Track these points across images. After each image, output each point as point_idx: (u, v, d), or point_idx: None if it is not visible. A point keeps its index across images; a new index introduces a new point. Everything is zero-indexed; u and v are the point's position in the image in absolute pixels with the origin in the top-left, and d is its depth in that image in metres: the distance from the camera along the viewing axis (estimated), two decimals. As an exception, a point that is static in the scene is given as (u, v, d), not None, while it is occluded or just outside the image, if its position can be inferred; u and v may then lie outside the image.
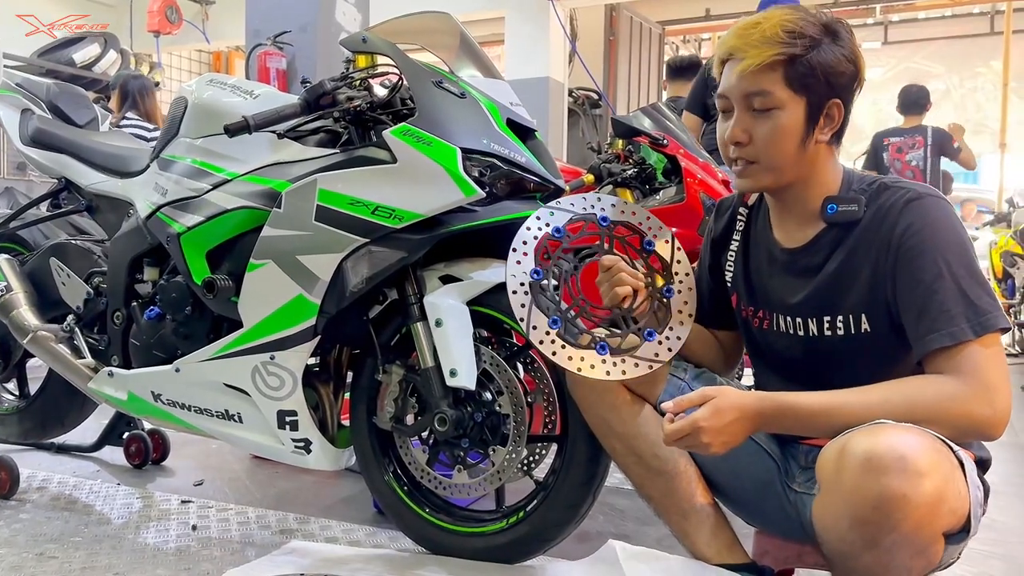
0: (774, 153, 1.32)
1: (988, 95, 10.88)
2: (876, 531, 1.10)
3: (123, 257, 2.07)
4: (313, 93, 1.71)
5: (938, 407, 1.19)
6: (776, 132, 1.31)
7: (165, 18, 7.57)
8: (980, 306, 1.21)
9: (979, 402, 1.18)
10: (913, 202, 1.28)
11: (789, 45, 1.28)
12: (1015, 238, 6.02)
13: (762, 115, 1.31)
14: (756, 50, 1.29)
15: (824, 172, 1.36)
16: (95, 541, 1.91)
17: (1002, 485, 2.54)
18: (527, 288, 1.42)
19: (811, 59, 1.28)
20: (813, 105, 1.31)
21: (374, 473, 1.86)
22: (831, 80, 1.29)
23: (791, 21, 1.29)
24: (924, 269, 1.24)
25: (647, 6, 8.78)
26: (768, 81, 1.29)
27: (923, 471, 1.07)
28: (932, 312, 1.23)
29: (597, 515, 2.09)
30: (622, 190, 2.89)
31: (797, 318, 1.39)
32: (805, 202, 1.37)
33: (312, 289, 1.69)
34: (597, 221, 1.50)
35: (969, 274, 1.23)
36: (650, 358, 1.40)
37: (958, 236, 1.26)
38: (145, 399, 1.99)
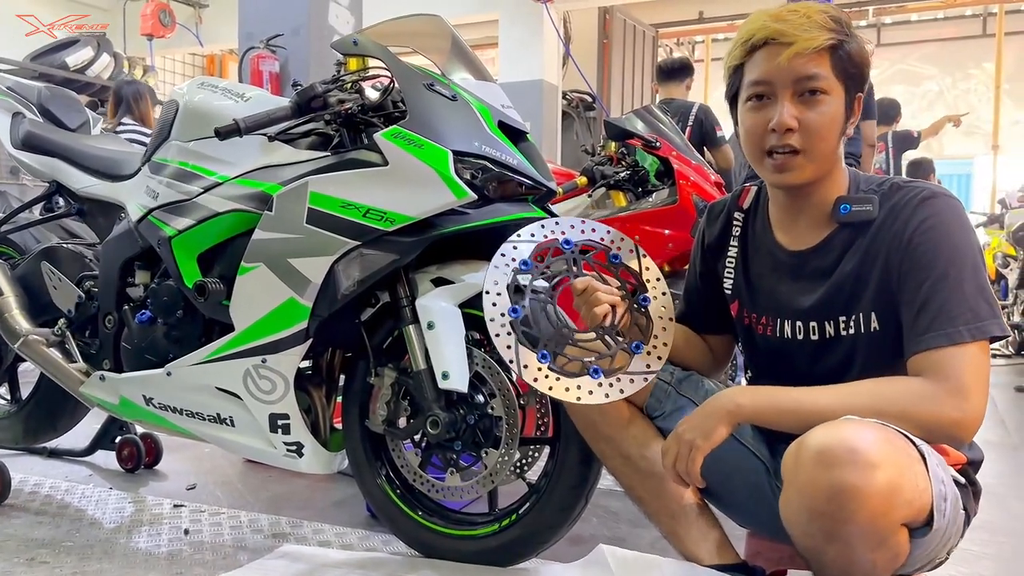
0: (822, 141, 1.30)
1: (981, 97, 10.91)
2: (832, 523, 1.11)
3: (114, 261, 2.06)
4: (304, 96, 1.71)
5: (908, 406, 1.19)
6: (825, 118, 1.29)
7: (158, 21, 7.57)
8: (980, 312, 1.21)
9: (950, 405, 1.19)
10: (927, 200, 1.28)
11: (837, 32, 1.28)
12: (1008, 239, 6.04)
13: (812, 100, 1.28)
14: (807, 34, 1.26)
15: (839, 169, 1.36)
16: (86, 546, 1.90)
17: (995, 485, 2.55)
18: (509, 328, 1.40)
19: (851, 48, 1.29)
20: (850, 95, 1.31)
21: (367, 476, 1.86)
22: (863, 72, 1.31)
23: (831, 11, 1.29)
24: (931, 266, 1.24)
25: (640, 9, 8.79)
26: (820, 65, 1.27)
27: (875, 463, 1.08)
28: (932, 310, 1.23)
29: (590, 518, 2.09)
30: (615, 192, 2.90)
31: (811, 322, 1.38)
32: (819, 201, 1.36)
33: (304, 292, 1.69)
34: (560, 245, 1.48)
35: (974, 278, 1.23)
36: (642, 371, 1.39)
37: (968, 239, 1.26)
38: (137, 403, 1.98)
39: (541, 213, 1.77)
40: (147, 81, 6.31)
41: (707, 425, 1.26)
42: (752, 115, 1.33)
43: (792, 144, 1.29)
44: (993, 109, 9.82)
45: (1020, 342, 6.13)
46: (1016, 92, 10.33)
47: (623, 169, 2.87)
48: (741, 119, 1.36)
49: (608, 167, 2.90)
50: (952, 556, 1.32)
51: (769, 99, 1.31)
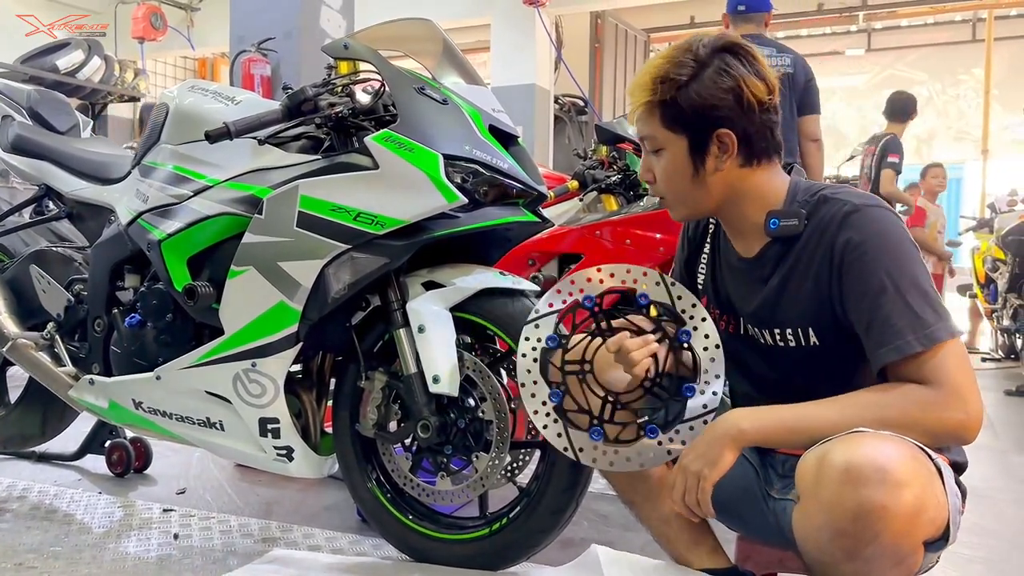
0: (671, 189, 1.39)
1: (970, 102, 10.98)
2: (856, 543, 1.10)
3: (104, 264, 2.05)
4: (295, 99, 1.71)
5: (912, 415, 1.19)
6: (665, 171, 1.38)
7: (150, 24, 7.55)
8: (924, 319, 1.21)
9: (951, 408, 1.19)
10: (852, 215, 1.27)
11: (654, 92, 1.34)
12: (997, 243, 6.07)
13: (657, 155, 1.39)
14: (634, 97, 1.37)
15: (757, 190, 1.36)
16: (75, 551, 1.89)
17: (983, 489, 2.56)
18: (555, 416, 1.36)
19: (681, 100, 1.32)
20: (695, 140, 1.34)
21: (357, 480, 1.85)
22: (707, 114, 1.32)
23: (659, 67, 1.34)
24: (867, 283, 1.24)
25: (632, 14, 8.82)
26: (648, 126, 1.37)
27: (903, 481, 1.07)
28: (877, 326, 1.23)
29: (581, 521, 2.09)
30: (606, 196, 2.91)
31: (755, 327, 1.41)
32: (746, 219, 1.39)
33: (294, 296, 1.69)
34: (583, 305, 1.39)
35: (912, 285, 1.23)
36: (700, 413, 1.32)
37: (899, 247, 1.25)
38: (126, 407, 1.98)
39: (532, 217, 1.77)
40: (138, 84, 6.30)
41: (712, 453, 1.24)
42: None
43: (654, 193, 1.45)
44: (983, 114, 9.88)
45: (1009, 346, 6.16)
46: (1005, 97, 10.39)
47: (614, 173, 2.87)
48: None
49: (599, 171, 2.91)
50: (943, 560, 1.33)
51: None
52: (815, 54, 10.36)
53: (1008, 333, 6.06)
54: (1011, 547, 2.08)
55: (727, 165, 1.34)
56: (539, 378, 1.38)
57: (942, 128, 11.46)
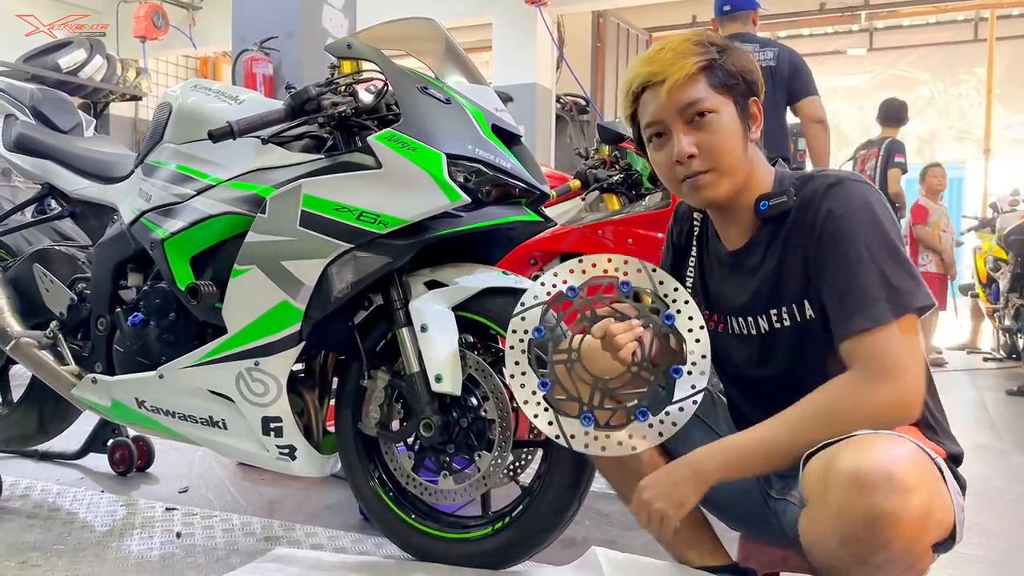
0: (727, 155, 1.34)
1: (972, 101, 10.96)
2: (866, 549, 1.10)
3: (107, 263, 2.06)
4: (298, 99, 1.71)
5: (850, 408, 1.21)
6: (722, 133, 1.34)
7: (152, 23, 7.55)
8: (899, 286, 1.23)
9: (884, 389, 1.21)
10: (834, 187, 1.30)
11: (703, 53, 1.33)
12: (999, 243, 6.07)
13: (702, 123, 1.33)
14: (675, 66, 1.32)
15: (759, 172, 1.39)
16: (78, 549, 1.89)
17: (984, 489, 2.56)
18: (544, 404, 1.38)
19: (725, 62, 1.34)
20: (740, 105, 1.35)
21: (359, 479, 1.85)
22: (747, 79, 1.35)
23: (694, 36, 1.35)
24: (845, 253, 1.26)
25: (634, 13, 8.81)
26: (697, 89, 1.33)
27: (911, 487, 1.08)
28: (853, 295, 1.24)
29: (583, 520, 2.09)
30: (608, 196, 2.91)
31: (748, 317, 1.41)
32: (743, 205, 1.40)
33: (297, 295, 1.69)
34: (567, 296, 1.43)
35: (890, 256, 1.25)
36: (688, 394, 1.34)
37: (877, 218, 1.27)
38: (129, 406, 1.98)
39: (534, 216, 1.77)
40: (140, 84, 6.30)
41: (677, 495, 1.28)
42: (657, 154, 1.40)
43: (698, 168, 1.35)
44: (985, 114, 9.87)
45: (1011, 346, 6.15)
46: (1007, 97, 10.38)
47: (616, 172, 2.87)
48: (652, 159, 1.42)
49: (601, 170, 2.91)
50: (942, 559, 1.32)
51: (666, 135, 1.37)
52: (817, 53, 10.36)
53: (1010, 333, 6.06)
54: (1011, 547, 2.08)
55: (756, 136, 1.38)
56: (527, 368, 1.40)
57: (944, 128, 11.44)
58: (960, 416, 3.97)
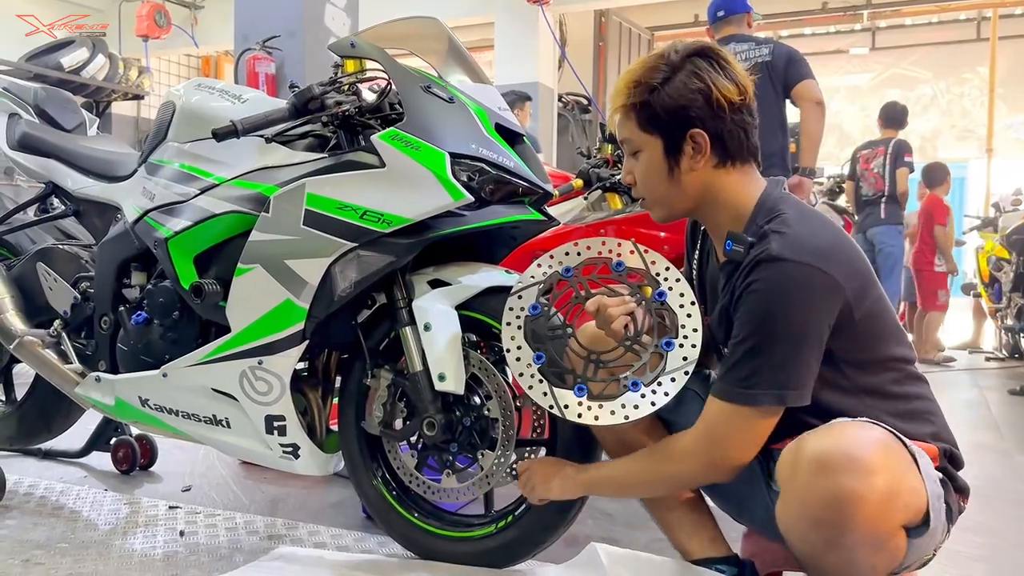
0: (649, 189, 1.44)
1: (975, 100, 10.95)
2: (833, 530, 1.13)
3: (111, 262, 2.06)
4: (301, 98, 1.71)
5: (675, 465, 1.38)
6: (642, 172, 1.43)
7: (154, 23, 7.56)
8: (752, 380, 1.28)
9: (699, 457, 1.35)
10: (763, 264, 1.30)
11: (629, 96, 1.40)
12: (1001, 243, 6.06)
13: (635, 157, 1.44)
14: (612, 104, 1.44)
15: (727, 194, 1.40)
16: (82, 547, 1.90)
17: (986, 488, 2.56)
18: (539, 376, 1.43)
19: (653, 102, 1.37)
20: (669, 141, 1.38)
21: (362, 478, 1.86)
22: (679, 115, 1.37)
23: (634, 72, 1.40)
24: (740, 326, 1.31)
25: (636, 12, 8.81)
26: (625, 129, 1.43)
27: (873, 468, 1.11)
28: (726, 363, 1.33)
29: (586, 519, 2.09)
30: (611, 195, 2.91)
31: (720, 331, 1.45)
32: (719, 225, 1.43)
33: (300, 294, 1.69)
34: (562, 275, 1.51)
35: (769, 347, 1.27)
36: (680, 365, 1.39)
37: (784, 309, 1.27)
38: (132, 404, 1.98)
39: (537, 215, 1.77)
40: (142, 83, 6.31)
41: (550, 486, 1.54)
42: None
43: (634, 195, 1.49)
44: (987, 113, 9.86)
45: (1013, 345, 6.15)
46: (1010, 96, 10.37)
47: (619, 171, 2.87)
48: None
49: (604, 169, 2.90)
50: (945, 559, 1.33)
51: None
52: (819, 52, 10.36)
53: (1012, 332, 6.06)
54: (1013, 546, 2.08)
55: (701, 165, 1.39)
56: (523, 343, 1.45)
57: (946, 127, 11.43)
58: (962, 416, 3.97)
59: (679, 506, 1.51)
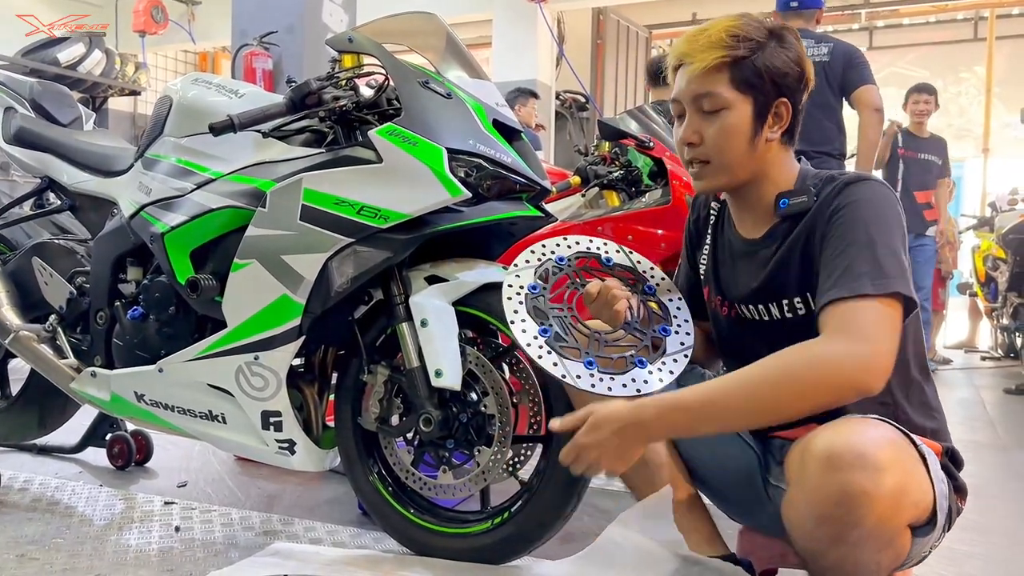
0: (724, 152, 1.36)
1: (972, 100, 10.96)
2: (841, 527, 1.12)
3: (106, 257, 2.05)
4: (299, 92, 1.71)
5: (810, 368, 1.18)
6: (724, 131, 1.35)
7: (151, 18, 7.54)
8: (887, 270, 1.22)
9: (848, 355, 1.17)
10: (851, 184, 1.32)
11: (733, 48, 1.33)
12: (998, 242, 6.07)
13: (711, 116, 1.36)
14: (703, 54, 1.34)
15: (778, 169, 1.40)
16: (77, 542, 1.89)
17: (983, 486, 2.56)
18: (548, 347, 1.41)
19: (756, 61, 1.33)
20: (760, 105, 1.35)
21: (359, 474, 1.85)
22: (777, 80, 1.34)
23: (735, 26, 1.34)
24: (844, 237, 1.27)
25: (634, 10, 8.80)
26: (715, 83, 1.34)
27: (883, 466, 1.10)
28: (839, 270, 1.25)
29: (582, 516, 2.09)
30: (608, 192, 2.90)
31: (759, 304, 1.43)
32: (760, 199, 1.41)
33: (297, 289, 1.69)
34: (556, 263, 1.54)
35: (885, 245, 1.25)
36: (680, 348, 1.44)
37: (883, 213, 1.28)
38: (128, 400, 1.98)
39: (535, 211, 1.77)
40: (139, 78, 6.30)
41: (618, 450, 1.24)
42: (675, 131, 1.43)
43: (697, 157, 1.39)
44: (984, 112, 9.87)
45: (1009, 344, 6.16)
46: (1007, 96, 10.37)
47: (616, 169, 2.87)
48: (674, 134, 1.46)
49: (601, 167, 2.90)
50: (940, 556, 1.33)
51: (683, 117, 1.40)
52: (817, 51, 10.33)
53: (1008, 332, 6.07)
54: (1010, 544, 2.09)
55: (777, 137, 1.38)
56: (527, 316, 1.44)
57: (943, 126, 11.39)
58: (959, 415, 3.97)
59: (676, 506, 1.48)
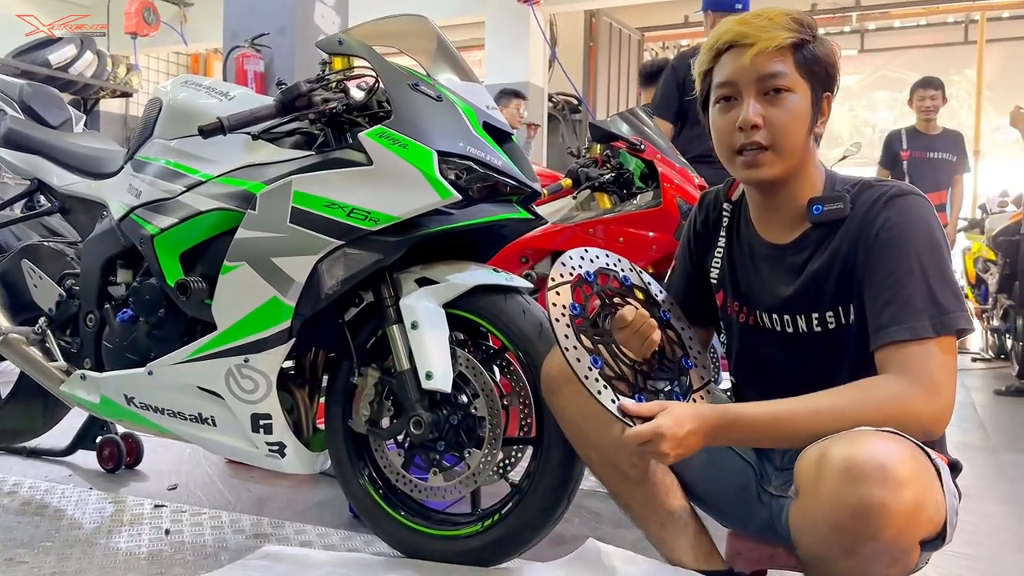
0: (790, 136, 1.31)
1: (962, 103, 11.00)
2: (855, 539, 1.10)
3: (96, 259, 2.05)
4: (288, 95, 1.71)
5: (885, 409, 1.19)
6: (792, 114, 1.31)
7: (143, 20, 7.53)
8: (944, 305, 1.22)
9: (923, 402, 1.19)
10: (896, 198, 1.29)
11: (799, 31, 1.31)
12: (988, 244, 6.09)
13: (776, 98, 1.31)
14: (769, 33, 1.29)
15: (812, 169, 1.37)
16: (66, 546, 1.88)
17: (973, 488, 2.57)
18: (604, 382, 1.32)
19: (815, 48, 1.32)
20: (817, 94, 1.33)
21: (349, 477, 1.85)
22: (829, 71, 1.33)
23: (792, 13, 1.33)
24: (896, 262, 1.25)
25: (626, 12, 8.82)
26: (782, 63, 1.30)
27: (903, 480, 1.08)
28: (897, 304, 1.23)
29: (573, 518, 2.09)
30: (600, 194, 2.91)
31: (785, 315, 1.39)
32: (793, 200, 1.37)
33: (287, 291, 1.69)
34: (585, 280, 1.43)
35: (940, 274, 1.25)
36: (704, 382, 1.41)
37: (933, 236, 1.27)
38: (118, 402, 1.97)
39: (525, 214, 1.77)
40: (130, 80, 6.28)
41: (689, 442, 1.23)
42: (721, 116, 1.36)
43: (759, 141, 1.31)
44: (975, 115, 9.92)
45: (999, 346, 6.19)
46: (997, 98, 10.42)
47: (608, 171, 2.87)
48: (712, 121, 1.38)
49: (593, 169, 2.90)
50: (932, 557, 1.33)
51: (736, 99, 1.33)
52: (808, 54, 10.36)
53: (998, 333, 6.09)
54: (1000, 545, 2.09)
55: (821, 130, 1.36)
56: (577, 344, 1.35)
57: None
58: (949, 416, 3.98)
59: (672, 521, 1.47)
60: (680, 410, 1.24)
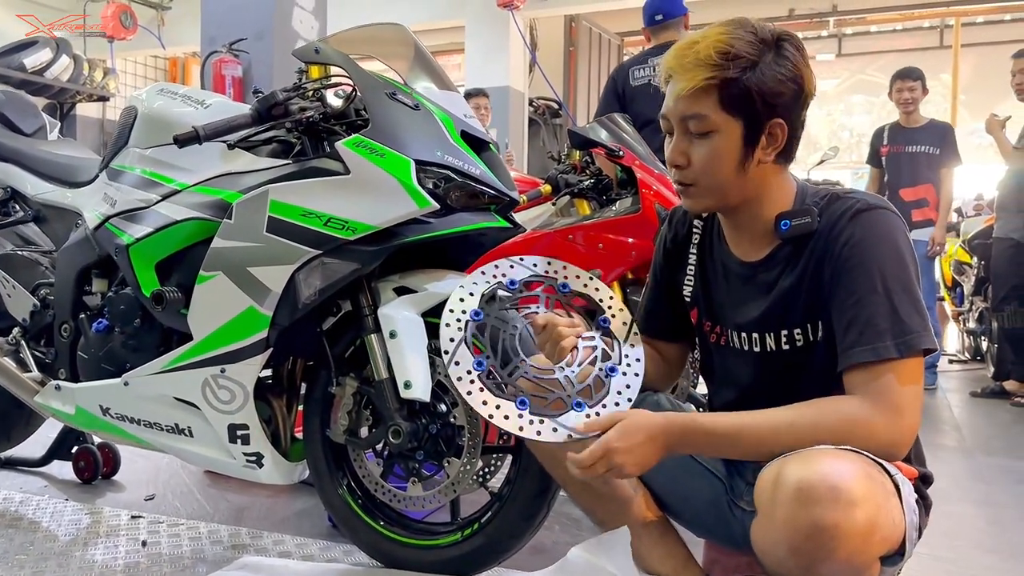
0: (711, 176, 1.30)
1: (938, 107, 11.11)
2: (811, 560, 1.10)
3: (71, 268, 2.03)
4: (265, 103, 1.70)
5: (843, 430, 1.18)
6: (712, 156, 1.28)
7: (119, 23, 7.46)
8: (909, 324, 1.21)
9: (882, 425, 1.18)
10: (861, 213, 1.26)
11: (722, 68, 1.24)
12: (964, 247, 6.16)
13: (699, 138, 1.29)
14: (689, 73, 1.25)
15: (775, 190, 1.33)
16: (41, 559, 1.86)
17: (949, 490, 2.60)
18: (480, 384, 1.33)
19: (746, 81, 1.24)
20: (751, 127, 1.27)
21: (328, 487, 1.84)
22: (770, 101, 1.25)
23: (725, 42, 1.25)
24: (859, 281, 1.23)
25: (606, 17, 8.86)
26: (702, 105, 1.26)
27: (855, 500, 1.07)
28: (860, 324, 1.22)
29: (553, 526, 2.09)
30: (579, 200, 2.91)
31: (753, 333, 1.37)
32: (757, 220, 1.35)
33: (263, 301, 1.68)
34: (505, 287, 1.45)
35: (903, 291, 1.22)
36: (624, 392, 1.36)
37: (898, 252, 1.25)
38: (93, 413, 1.95)
39: (503, 222, 1.77)
40: (107, 84, 6.23)
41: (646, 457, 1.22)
42: (666, 147, 1.35)
43: (682, 179, 1.32)
44: (950, 119, 10.03)
45: (975, 348, 6.26)
46: (972, 103, 10.55)
47: (587, 177, 2.88)
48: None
49: (572, 175, 2.91)
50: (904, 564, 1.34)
51: (672, 133, 1.33)
52: (786, 59, 10.44)
53: (974, 335, 6.16)
54: (975, 547, 2.11)
55: (770, 158, 1.30)
56: (463, 347, 1.36)
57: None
58: (925, 418, 4.00)
59: (647, 533, 1.47)
60: (631, 419, 1.23)
